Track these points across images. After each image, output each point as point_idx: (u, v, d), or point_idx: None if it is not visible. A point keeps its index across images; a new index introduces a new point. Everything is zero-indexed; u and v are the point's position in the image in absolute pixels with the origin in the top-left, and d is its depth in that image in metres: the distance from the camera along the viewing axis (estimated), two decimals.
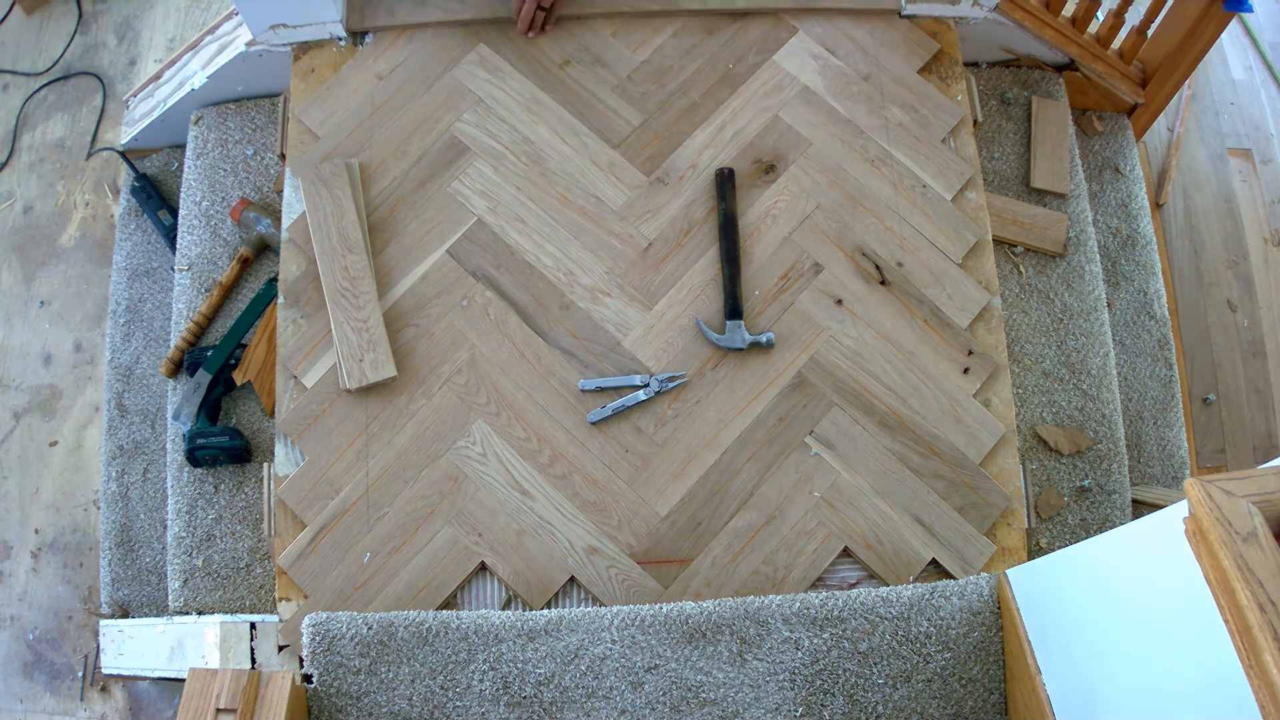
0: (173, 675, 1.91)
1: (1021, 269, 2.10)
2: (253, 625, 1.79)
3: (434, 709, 1.61)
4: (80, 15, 2.75)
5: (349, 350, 1.79)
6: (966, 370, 1.81)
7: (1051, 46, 2.17)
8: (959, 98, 1.99)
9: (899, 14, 2.04)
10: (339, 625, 1.62)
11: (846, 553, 1.72)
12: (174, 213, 2.26)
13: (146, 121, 2.29)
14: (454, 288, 1.86)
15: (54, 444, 2.36)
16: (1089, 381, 2.03)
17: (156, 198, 2.30)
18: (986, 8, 2.04)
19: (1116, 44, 2.24)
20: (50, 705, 2.15)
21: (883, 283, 1.86)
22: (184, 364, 2.07)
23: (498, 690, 1.60)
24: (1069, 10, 2.18)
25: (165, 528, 2.06)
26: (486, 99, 1.98)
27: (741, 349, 1.81)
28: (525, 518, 1.73)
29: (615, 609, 1.65)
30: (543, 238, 1.89)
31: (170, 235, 2.25)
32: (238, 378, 2.02)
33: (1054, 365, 2.04)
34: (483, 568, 1.72)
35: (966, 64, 2.05)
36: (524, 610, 1.69)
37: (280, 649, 1.72)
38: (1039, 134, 2.18)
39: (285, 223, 1.91)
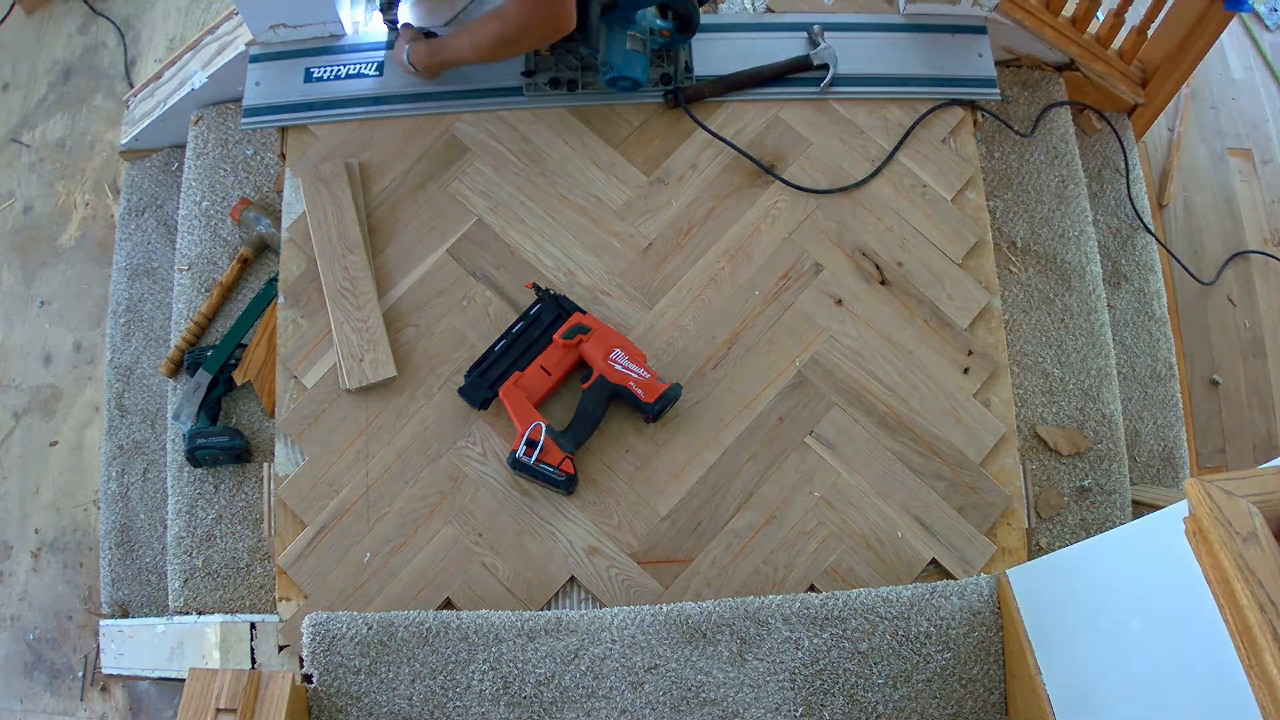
0: (173, 675, 1.91)
1: (1014, 268, 2.10)
2: (253, 625, 1.79)
3: (434, 709, 1.61)
4: (93, 11, 2.75)
5: (349, 350, 1.79)
6: (966, 370, 1.81)
7: (1051, 46, 2.17)
8: None
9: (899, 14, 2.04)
10: (339, 625, 1.62)
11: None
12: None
13: (146, 121, 2.29)
14: (454, 288, 1.86)
15: (54, 444, 2.36)
16: (1089, 381, 2.03)
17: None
18: (986, 8, 2.04)
19: (1116, 44, 2.23)
20: (50, 705, 2.15)
21: (883, 283, 1.86)
22: (184, 364, 2.07)
23: (498, 690, 1.60)
24: (1069, 10, 2.17)
25: (165, 528, 2.06)
26: None
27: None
28: (525, 518, 1.73)
29: (615, 609, 1.65)
30: (543, 238, 1.89)
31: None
32: (238, 378, 2.02)
33: (1054, 365, 2.04)
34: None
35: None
36: (524, 610, 1.69)
37: (280, 649, 1.72)
38: None
39: (285, 223, 1.91)
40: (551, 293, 1.81)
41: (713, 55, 2.00)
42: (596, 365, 1.73)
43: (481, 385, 1.75)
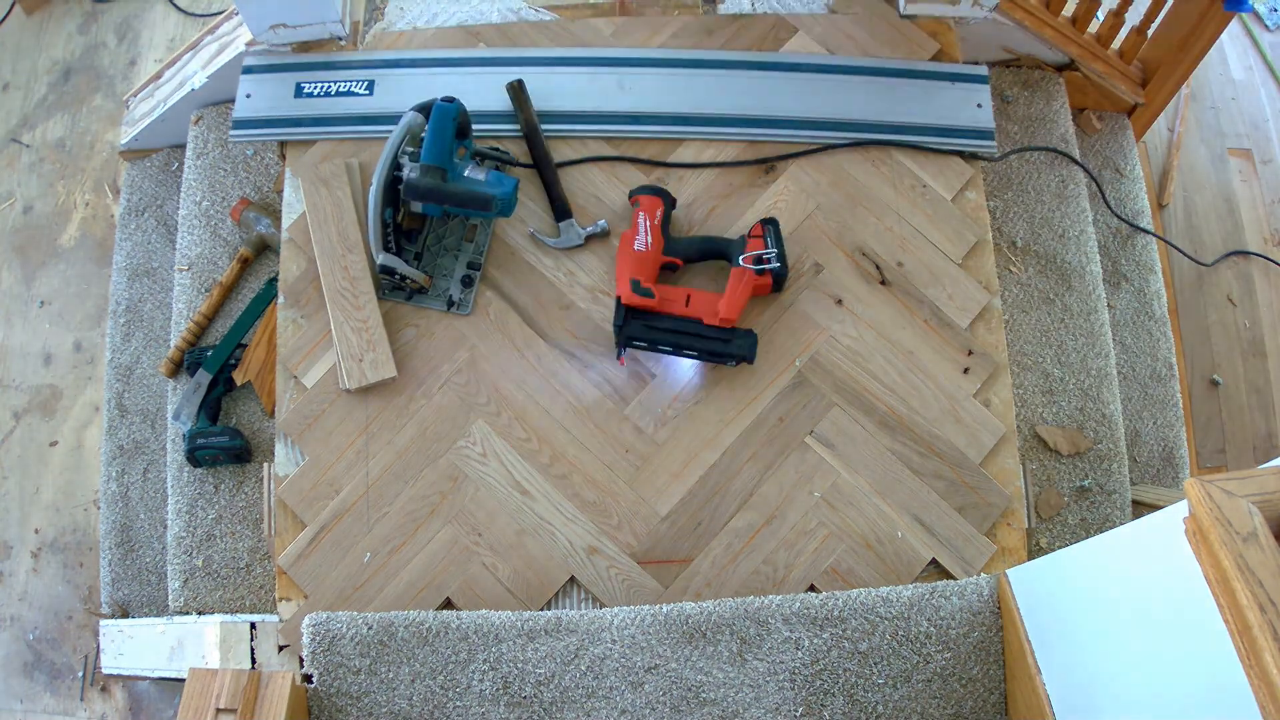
0: (173, 675, 1.91)
1: (1014, 268, 2.10)
2: (253, 625, 1.79)
3: (434, 709, 1.61)
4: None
5: (349, 350, 1.79)
6: (966, 370, 1.81)
7: (1051, 46, 2.17)
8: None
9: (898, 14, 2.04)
10: (339, 625, 1.62)
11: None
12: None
13: (146, 121, 2.29)
14: None
15: (54, 444, 2.36)
16: (1089, 381, 2.03)
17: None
18: (986, 7, 2.04)
19: (1116, 44, 2.24)
20: (50, 705, 2.15)
21: (883, 283, 1.86)
22: (184, 364, 2.07)
23: (498, 690, 1.60)
24: (1069, 10, 2.17)
25: (165, 528, 2.06)
26: None
27: (580, 244, 1.86)
28: (525, 518, 1.73)
29: (615, 609, 1.65)
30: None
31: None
32: (238, 378, 2.02)
33: (1054, 365, 2.04)
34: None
35: (966, 64, 2.05)
36: (524, 610, 1.69)
37: (280, 649, 1.72)
38: None
39: (285, 223, 1.91)
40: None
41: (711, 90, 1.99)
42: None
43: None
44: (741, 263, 1.75)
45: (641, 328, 1.73)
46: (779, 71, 1.99)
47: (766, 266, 1.76)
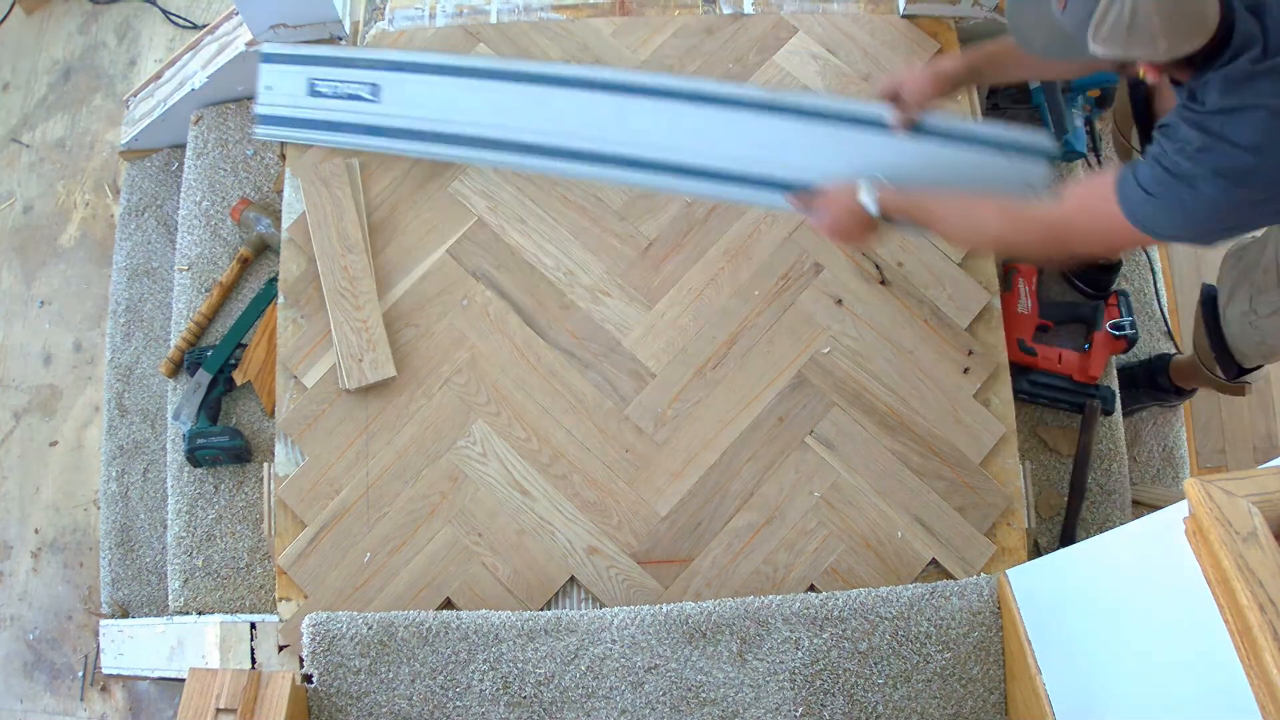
0: (173, 675, 1.91)
1: None
2: (253, 625, 1.79)
3: (434, 709, 1.61)
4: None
5: (349, 350, 1.79)
6: (966, 370, 1.81)
7: None
8: (959, 98, 1.98)
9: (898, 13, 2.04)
10: (339, 625, 1.62)
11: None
12: None
13: (146, 121, 2.29)
14: (454, 288, 1.86)
15: (54, 444, 2.36)
16: None
17: None
18: (986, 7, 2.04)
19: None
20: (50, 705, 2.15)
21: (883, 283, 1.86)
22: (184, 364, 2.07)
23: (498, 690, 1.60)
24: None
25: (165, 528, 2.06)
26: None
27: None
28: (525, 518, 1.73)
29: (615, 609, 1.65)
30: (543, 238, 1.89)
31: None
32: (238, 378, 2.02)
33: None
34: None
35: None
36: (524, 610, 1.69)
37: (280, 649, 1.72)
38: None
39: (285, 223, 1.91)
40: None
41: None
42: None
43: None
44: (1106, 328, 1.97)
45: (1026, 383, 1.93)
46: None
47: (1123, 333, 1.97)
